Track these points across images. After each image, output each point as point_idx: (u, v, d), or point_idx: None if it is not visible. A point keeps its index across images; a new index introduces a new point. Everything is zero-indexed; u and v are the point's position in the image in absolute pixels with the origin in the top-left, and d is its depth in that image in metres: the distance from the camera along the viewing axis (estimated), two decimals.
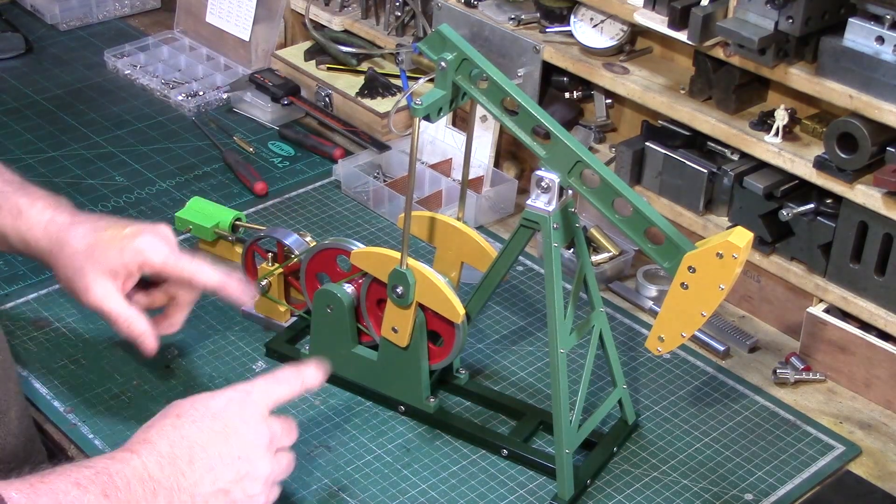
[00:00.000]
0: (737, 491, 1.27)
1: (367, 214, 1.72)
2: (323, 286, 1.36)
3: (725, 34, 1.40)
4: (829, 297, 1.43)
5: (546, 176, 1.17)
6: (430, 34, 1.19)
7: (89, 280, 1.21)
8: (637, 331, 1.51)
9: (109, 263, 1.22)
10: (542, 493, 1.26)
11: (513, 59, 1.68)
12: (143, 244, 1.23)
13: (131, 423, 1.32)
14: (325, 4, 2.00)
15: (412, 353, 1.31)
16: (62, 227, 1.23)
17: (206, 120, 1.96)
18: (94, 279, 1.21)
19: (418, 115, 1.17)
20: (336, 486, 1.26)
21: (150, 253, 1.23)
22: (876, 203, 1.33)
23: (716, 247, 1.11)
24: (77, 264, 1.21)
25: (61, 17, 2.26)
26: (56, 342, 1.44)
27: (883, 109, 1.29)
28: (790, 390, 1.42)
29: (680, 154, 1.55)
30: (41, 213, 1.23)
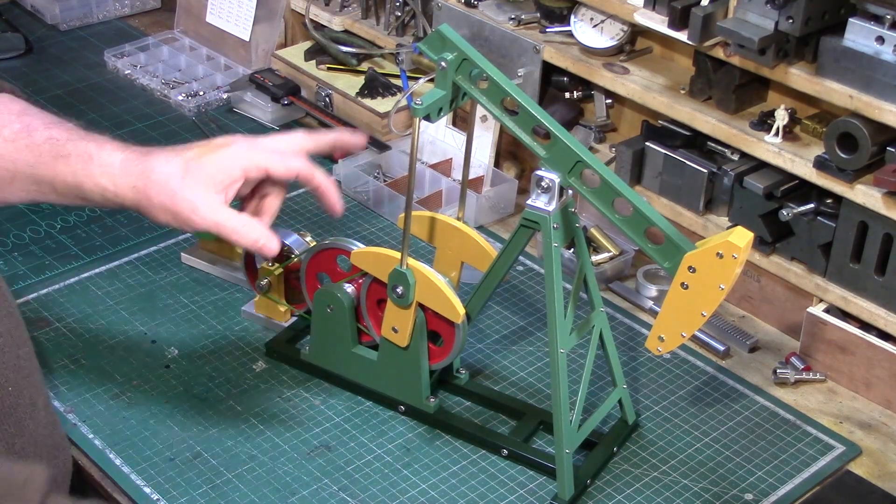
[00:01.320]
0: (737, 491, 1.27)
1: (367, 214, 1.72)
2: (323, 286, 1.36)
3: (725, 34, 1.40)
4: (829, 297, 1.43)
5: (546, 176, 1.17)
6: (430, 34, 1.19)
7: (193, 198, 1.15)
8: (637, 331, 1.51)
9: (209, 175, 1.16)
10: (542, 493, 1.26)
11: (513, 59, 1.68)
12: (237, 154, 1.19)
13: (131, 423, 1.32)
14: (325, 4, 2.00)
15: (412, 353, 1.31)
16: (140, 159, 1.17)
17: (206, 120, 1.96)
18: (197, 196, 1.15)
19: (418, 115, 1.17)
20: (336, 486, 1.26)
21: (254, 158, 1.19)
22: (876, 203, 1.33)
23: (716, 247, 1.11)
24: (172, 188, 1.15)
25: (61, 17, 2.26)
26: (56, 342, 1.44)
27: (883, 109, 1.29)
28: (790, 390, 1.42)
29: (680, 154, 1.55)
30: (112, 154, 1.17)
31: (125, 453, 1.28)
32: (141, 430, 1.32)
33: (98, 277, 1.56)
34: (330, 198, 1.23)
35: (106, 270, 1.57)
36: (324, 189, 1.23)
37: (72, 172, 1.16)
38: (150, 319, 1.49)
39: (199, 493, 1.24)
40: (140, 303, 1.52)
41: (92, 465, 1.28)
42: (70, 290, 1.53)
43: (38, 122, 1.18)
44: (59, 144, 1.17)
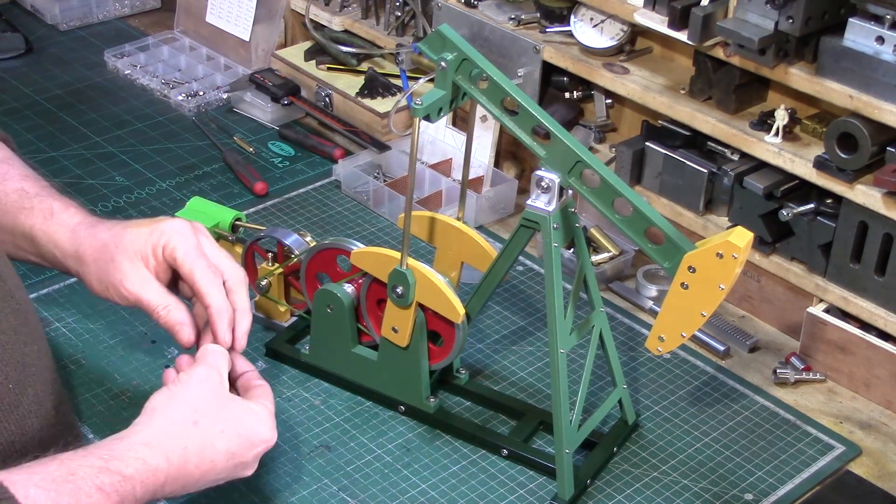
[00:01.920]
0: (737, 491, 1.27)
1: (367, 214, 1.72)
2: (323, 286, 1.36)
3: (725, 34, 1.40)
4: (829, 297, 1.43)
5: (546, 176, 1.17)
6: (430, 34, 1.19)
7: (123, 269, 1.14)
8: (637, 331, 1.51)
9: (139, 247, 1.15)
10: (542, 493, 1.26)
11: (513, 59, 1.68)
12: (169, 228, 1.16)
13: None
14: (325, 4, 2.00)
15: (412, 353, 1.31)
16: (90, 224, 1.18)
17: (206, 120, 1.96)
18: (127, 267, 1.14)
19: (418, 115, 1.17)
20: (336, 486, 1.26)
21: (175, 239, 1.15)
22: (876, 203, 1.33)
23: (716, 247, 1.11)
24: (107, 256, 1.15)
25: (61, 17, 2.26)
26: (56, 342, 1.44)
27: (883, 109, 1.29)
28: (790, 390, 1.42)
29: (680, 154, 1.55)
30: (71, 217, 1.19)
31: None
32: None
33: None
34: (213, 326, 1.15)
35: None
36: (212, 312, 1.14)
37: (30, 225, 1.18)
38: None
39: (199, 493, 1.23)
40: None
41: None
42: (70, 290, 1.53)
43: (14, 173, 1.22)
44: (26, 197, 1.20)
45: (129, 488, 0.96)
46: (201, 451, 1.03)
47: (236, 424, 1.07)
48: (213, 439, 1.04)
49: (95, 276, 1.17)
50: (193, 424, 1.04)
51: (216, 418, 1.06)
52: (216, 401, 1.07)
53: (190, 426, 1.04)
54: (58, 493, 0.91)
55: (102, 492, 0.94)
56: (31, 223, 1.19)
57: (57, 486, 0.91)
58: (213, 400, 1.07)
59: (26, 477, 0.91)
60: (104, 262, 1.16)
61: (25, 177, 1.22)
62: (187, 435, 1.03)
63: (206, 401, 1.07)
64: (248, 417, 1.09)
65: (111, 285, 1.16)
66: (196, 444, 1.03)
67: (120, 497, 0.95)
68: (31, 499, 0.89)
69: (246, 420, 1.08)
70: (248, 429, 1.08)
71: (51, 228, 1.18)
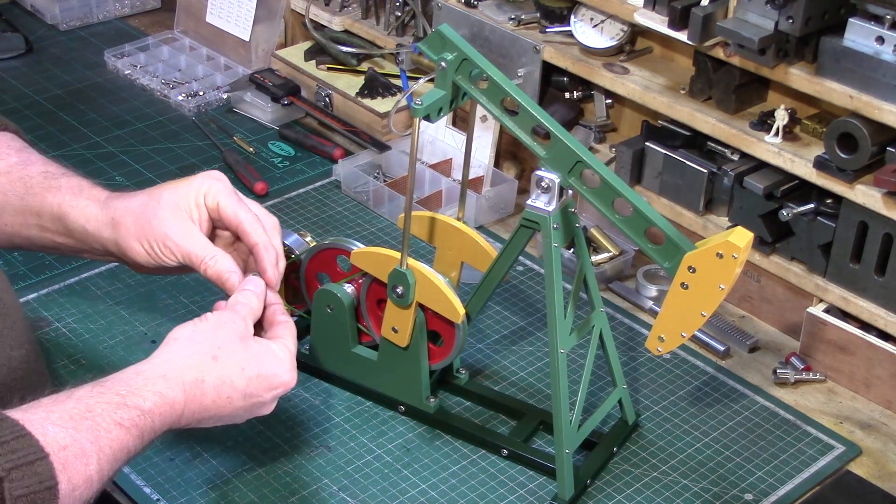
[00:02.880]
0: (737, 491, 1.27)
1: (367, 214, 1.72)
2: (323, 286, 1.36)
3: (725, 34, 1.40)
4: (829, 297, 1.43)
5: (546, 176, 1.17)
6: (430, 34, 1.19)
7: (167, 223, 1.14)
8: (637, 331, 1.51)
9: (182, 201, 1.15)
10: (542, 493, 1.26)
11: (513, 59, 1.68)
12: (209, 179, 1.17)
13: None
14: (325, 4, 2.00)
15: (412, 353, 1.31)
16: (121, 195, 1.18)
17: (206, 120, 1.96)
18: (172, 221, 1.14)
19: (418, 115, 1.17)
20: (336, 486, 1.26)
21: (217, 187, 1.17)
22: (876, 203, 1.33)
23: (716, 247, 1.11)
24: (149, 213, 1.14)
25: (61, 17, 2.26)
26: (56, 342, 1.44)
27: (883, 109, 1.29)
28: (790, 390, 1.42)
29: (680, 154, 1.55)
30: (101, 191, 1.19)
31: None
32: None
33: (98, 277, 1.56)
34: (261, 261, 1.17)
35: (106, 270, 1.57)
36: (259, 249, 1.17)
37: (58, 203, 1.17)
38: (150, 319, 1.49)
39: (199, 493, 1.24)
40: (140, 303, 1.51)
41: None
42: (70, 290, 1.53)
43: (35, 158, 1.22)
44: (52, 177, 1.19)
45: (147, 422, 0.96)
46: (218, 387, 1.03)
47: (256, 364, 1.07)
48: (231, 375, 1.05)
49: (136, 237, 1.15)
50: (213, 359, 1.04)
51: (236, 356, 1.06)
52: (238, 341, 1.08)
53: (209, 360, 1.04)
54: (76, 429, 0.91)
55: (121, 427, 0.94)
56: (59, 200, 1.17)
57: (75, 423, 0.91)
58: (236, 340, 1.07)
59: (44, 415, 0.91)
60: (145, 220, 1.15)
61: (47, 161, 1.22)
62: (206, 369, 1.03)
63: (228, 339, 1.07)
64: (269, 358, 1.08)
65: (156, 241, 1.14)
66: (214, 378, 1.03)
67: (139, 431, 0.96)
68: (49, 436, 0.89)
69: (266, 361, 1.08)
70: (268, 370, 1.08)
71: (81, 203, 1.17)
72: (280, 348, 1.11)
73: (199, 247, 1.15)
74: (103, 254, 1.20)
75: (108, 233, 1.17)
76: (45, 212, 1.18)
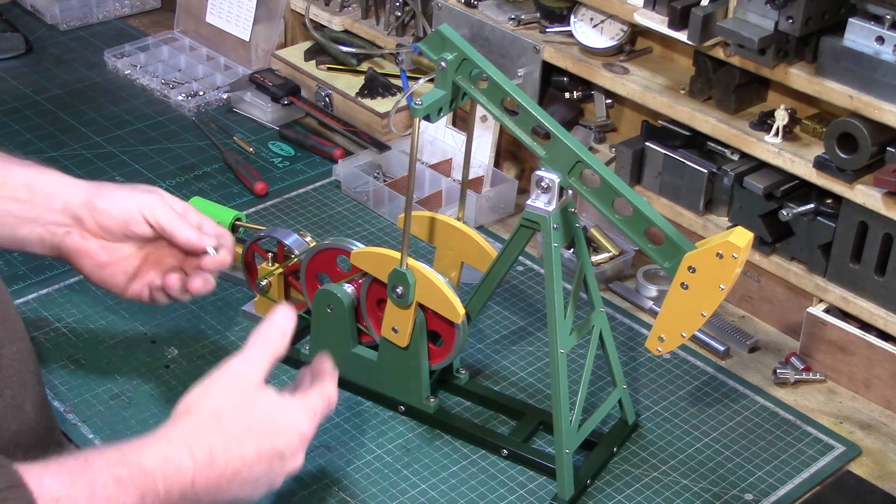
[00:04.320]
0: (737, 491, 1.27)
1: (367, 214, 1.72)
2: (323, 286, 1.36)
3: (725, 34, 1.40)
4: (829, 297, 1.43)
5: (546, 176, 1.17)
6: (430, 34, 1.19)
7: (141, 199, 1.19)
8: (637, 331, 1.51)
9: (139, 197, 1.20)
10: (542, 493, 1.26)
11: (513, 59, 1.68)
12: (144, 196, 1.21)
13: (131, 423, 1.33)
14: (325, 4, 2.00)
15: (412, 353, 1.31)
16: None
17: (206, 120, 1.96)
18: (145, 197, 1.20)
19: (418, 115, 1.17)
20: (336, 486, 1.26)
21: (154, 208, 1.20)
22: (876, 203, 1.33)
23: (716, 247, 1.11)
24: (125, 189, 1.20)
25: (61, 17, 2.26)
26: (56, 342, 1.44)
27: (883, 109, 1.29)
28: (790, 390, 1.42)
29: (680, 154, 1.55)
30: None
31: None
32: (141, 430, 1.30)
33: None
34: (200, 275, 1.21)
35: None
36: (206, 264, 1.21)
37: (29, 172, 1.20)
38: (150, 319, 1.49)
39: None
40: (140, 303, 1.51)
41: None
42: (70, 290, 1.53)
43: None
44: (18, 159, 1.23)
45: (149, 483, 0.92)
46: (227, 449, 0.98)
47: (266, 419, 1.01)
48: (239, 435, 0.99)
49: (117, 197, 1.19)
50: (218, 421, 0.99)
51: (243, 414, 1.00)
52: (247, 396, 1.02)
53: (215, 422, 0.99)
54: (73, 483, 0.88)
55: (120, 484, 0.90)
56: (29, 171, 1.20)
57: (73, 477, 0.89)
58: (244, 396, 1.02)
59: (41, 467, 0.88)
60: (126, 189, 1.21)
61: None
62: (213, 431, 0.98)
63: (235, 396, 1.01)
64: (279, 410, 1.02)
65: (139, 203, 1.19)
66: (221, 440, 0.98)
67: (139, 491, 0.91)
68: (45, 488, 0.86)
69: (276, 412, 1.02)
70: (279, 422, 1.02)
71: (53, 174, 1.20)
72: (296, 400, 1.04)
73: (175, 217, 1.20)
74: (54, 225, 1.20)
75: (82, 194, 1.19)
76: (10, 180, 1.19)
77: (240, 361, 1.04)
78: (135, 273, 1.22)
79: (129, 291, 1.23)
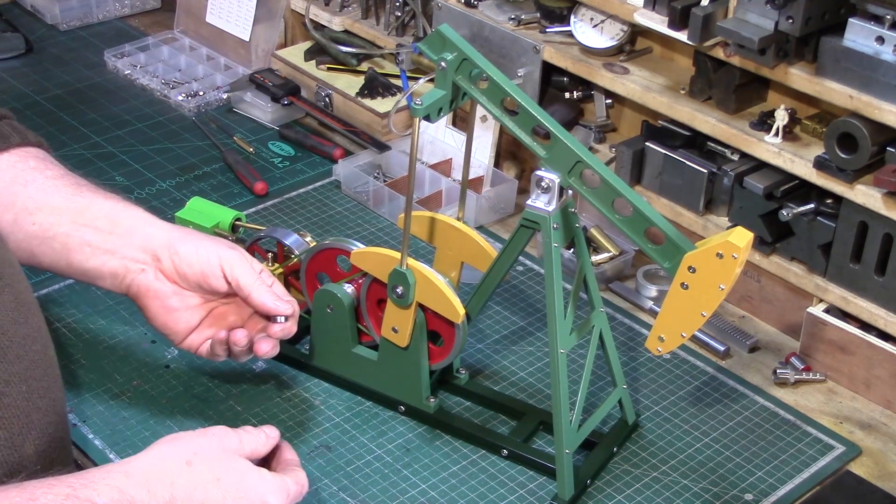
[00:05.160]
0: (737, 491, 1.27)
1: (367, 214, 1.72)
2: (323, 286, 1.36)
3: (725, 34, 1.40)
4: (829, 297, 1.43)
5: (546, 176, 1.17)
6: (430, 34, 1.19)
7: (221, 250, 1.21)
8: (637, 331, 1.51)
9: None
10: (542, 493, 1.26)
11: (513, 59, 1.68)
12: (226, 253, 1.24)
13: (131, 423, 1.33)
14: (325, 4, 2.00)
15: (412, 353, 1.31)
16: None
17: (206, 120, 1.96)
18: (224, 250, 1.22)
19: (418, 115, 1.17)
20: (336, 486, 1.26)
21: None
22: (876, 203, 1.33)
23: (716, 247, 1.11)
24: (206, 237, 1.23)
25: (61, 17, 2.26)
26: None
27: (883, 109, 1.29)
28: (790, 390, 1.42)
29: (680, 154, 1.55)
30: None
31: (125, 453, 1.28)
32: (141, 430, 1.32)
33: None
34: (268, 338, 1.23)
35: None
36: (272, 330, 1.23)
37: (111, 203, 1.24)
38: None
39: None
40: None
41: (92, 465, 1.28)
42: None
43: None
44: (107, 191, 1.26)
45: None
46: (190, 493, 0.95)
47: (237, 478, 0.99)
48: (205, 484, 0.97)
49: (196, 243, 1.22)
50: (186, 464, 0.97)
51: (214, 465, 0.98)
52: (221, 452, 1.00)
53: (182, 465, 0.97)
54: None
55: None
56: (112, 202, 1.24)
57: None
58: (219, 449, 1.01)
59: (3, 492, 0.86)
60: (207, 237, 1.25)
61: None
62: (177, 472, 0.96)
63: (209, 447, 1.00)
64: (254, 477, 1.01)
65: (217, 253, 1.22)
66: (185, 483, 0.96)
67: None
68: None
69: (250, 478, 1.00)
70: (252, 489, 1.00)
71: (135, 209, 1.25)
72: (274, 477, 1.03)
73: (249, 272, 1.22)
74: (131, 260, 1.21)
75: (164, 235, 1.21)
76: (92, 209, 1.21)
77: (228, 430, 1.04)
78: (197, 324, 1.24)
79: (188, 341, 1.25)
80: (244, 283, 1.21)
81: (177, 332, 1.24)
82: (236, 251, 1.23)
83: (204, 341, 1.24)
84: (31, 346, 1.02)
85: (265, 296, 1.21)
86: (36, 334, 1.03)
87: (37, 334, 1.04)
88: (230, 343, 1.22)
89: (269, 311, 1.22)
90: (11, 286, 1.01)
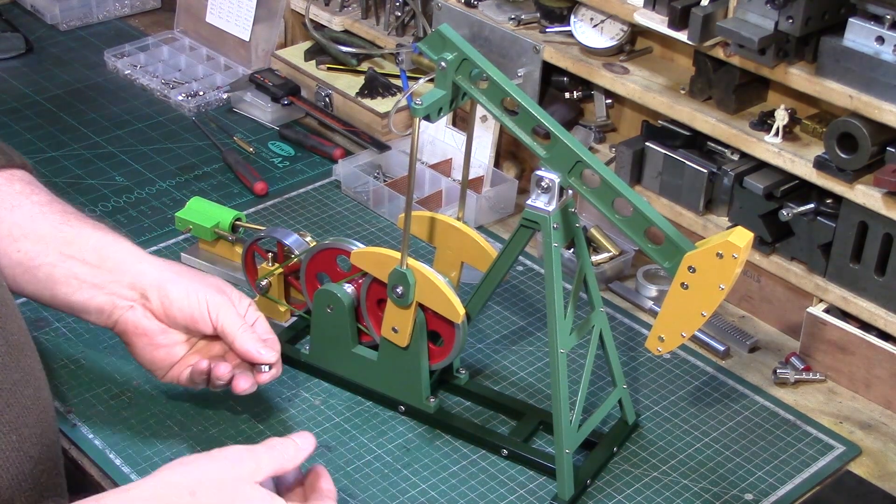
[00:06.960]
0: (737, 491, 1.27)
1: (367, 214, 1.72)
2: (323, 286, 1.36)
3: (725, 34, 1.40)
4: (829, 297, 1.43)
5: (546, 176, 1.17)
6: (430, 34, 1.19)
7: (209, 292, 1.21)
8: (637, 331, 1.51)
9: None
10: (542, 493, 1.26)
11: (513, 59, 1.68)
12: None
13: (131, 422, 1.32)
14: (325, 4, 2.00)
15: (412, 353, 1.31)
16: None
17: (206, 120, 1.96)
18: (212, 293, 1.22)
19: (418, 115, 1.17)
20: (336, 486, 1.25)
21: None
22: (876, 203, 1.33)
23: (716, 247, 1.11)
24: (197, 274, 1.23)
25: (61, 17, 2.26)
26: (56, 342, 1.44)
27: (883, 109, 1.29)
28: (790, 390, 1.42)
29: (680, 154, 1.55)
30: None
31: (125, 453, 1.28)
32: (141, 430, 1.32)
33: None
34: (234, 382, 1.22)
35: None
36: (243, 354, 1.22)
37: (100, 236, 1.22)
38: None
39: None
40: None
41: (92, 465, 1.28)
42: None
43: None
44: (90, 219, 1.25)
45: None
46: None
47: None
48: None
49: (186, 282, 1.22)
50: (189, 494, 0.93)
51: (220, 496, 0.94)
52: (231, 481, 0.95)
53: (185, 495, 0.92)
54: None
55: None
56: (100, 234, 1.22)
57: None
58: (229, 479, 0.95)
59: None
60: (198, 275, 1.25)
61: None
62: (179, 501, 0.92)
63: (217, 478, 0.95)
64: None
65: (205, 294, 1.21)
66: None
67: None
68: None
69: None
70: None
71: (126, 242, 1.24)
72: None
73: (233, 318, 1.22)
74: (119, 297, 1.20)
75: (154, 272, 1.20)
76: (80, 240, 1.19)
77: (243, 452, 0.98)
78: (181, 357, 1.24)
79: (169, 375, 1.24)
80: (229, 331, 1.21)
81: (160, 368, 1.24)
82: (224, 296, 1.22)
83: (185, 368, 1.24)
84: (22, 391, 0.99)
85: (249, 343, 1.21)
86: (28, 378, 1.00)
87: (29, 377, 1.01)
88: (212, 377, 1.22)
89: (252, 360, 1.22)
90: (3, 328, 0.99)
